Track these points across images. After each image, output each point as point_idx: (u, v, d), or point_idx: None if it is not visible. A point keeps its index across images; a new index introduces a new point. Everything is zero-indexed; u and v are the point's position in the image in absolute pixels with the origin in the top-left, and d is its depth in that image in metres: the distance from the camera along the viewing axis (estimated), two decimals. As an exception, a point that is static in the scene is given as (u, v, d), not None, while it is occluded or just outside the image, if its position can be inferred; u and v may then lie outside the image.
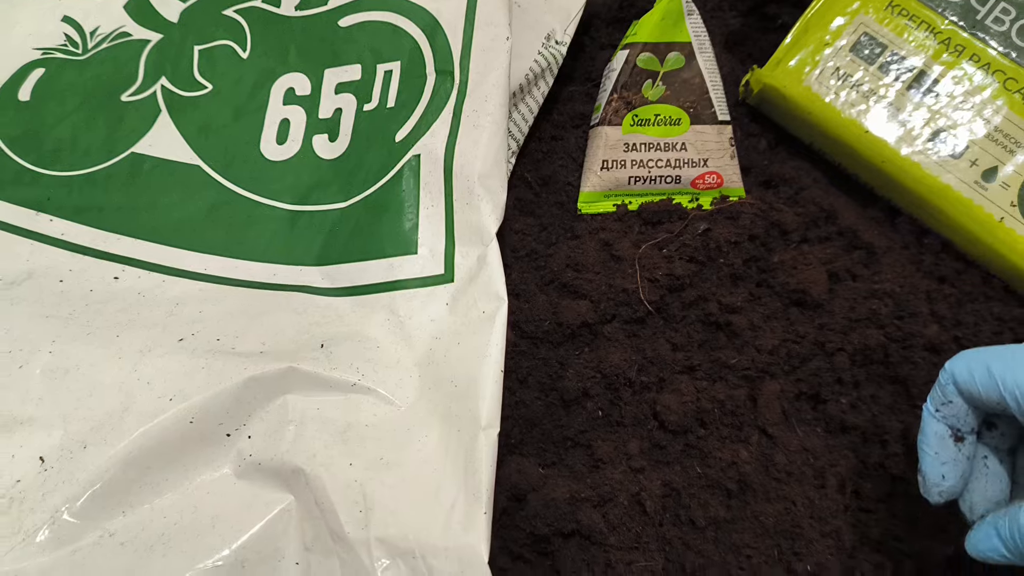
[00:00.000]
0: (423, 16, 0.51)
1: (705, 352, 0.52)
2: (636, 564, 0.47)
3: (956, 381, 0.38)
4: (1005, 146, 0.52)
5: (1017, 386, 0.35)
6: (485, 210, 0.46)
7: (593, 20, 0.65)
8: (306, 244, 0.49)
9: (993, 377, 0.36)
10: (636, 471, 0.49)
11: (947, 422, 0.39)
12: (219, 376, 0.43)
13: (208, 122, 0.52)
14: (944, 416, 0.39)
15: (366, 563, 0.39)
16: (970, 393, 0.37)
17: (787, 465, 0.50)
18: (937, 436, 0.39)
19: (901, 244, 0.56)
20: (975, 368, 0.37)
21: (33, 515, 0.40)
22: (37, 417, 0.42)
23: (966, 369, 0.38)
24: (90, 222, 0.50)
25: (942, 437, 0.39)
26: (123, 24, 0.55)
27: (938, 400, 0.39)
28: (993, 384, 0.36)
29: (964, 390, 0.38)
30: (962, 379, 0.38)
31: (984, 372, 0.37)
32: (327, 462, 0.41)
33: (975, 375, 0.37)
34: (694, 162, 0.57)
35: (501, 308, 0.44)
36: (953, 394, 0.38)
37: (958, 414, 0.38)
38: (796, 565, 0.47)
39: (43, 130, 0.53)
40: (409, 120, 0.49)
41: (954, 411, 0.38)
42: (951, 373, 0.38)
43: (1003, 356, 0.37)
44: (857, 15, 0.56)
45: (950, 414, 0.39)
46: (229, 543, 0.40)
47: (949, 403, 0.38)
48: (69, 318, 0.46)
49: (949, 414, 0.39)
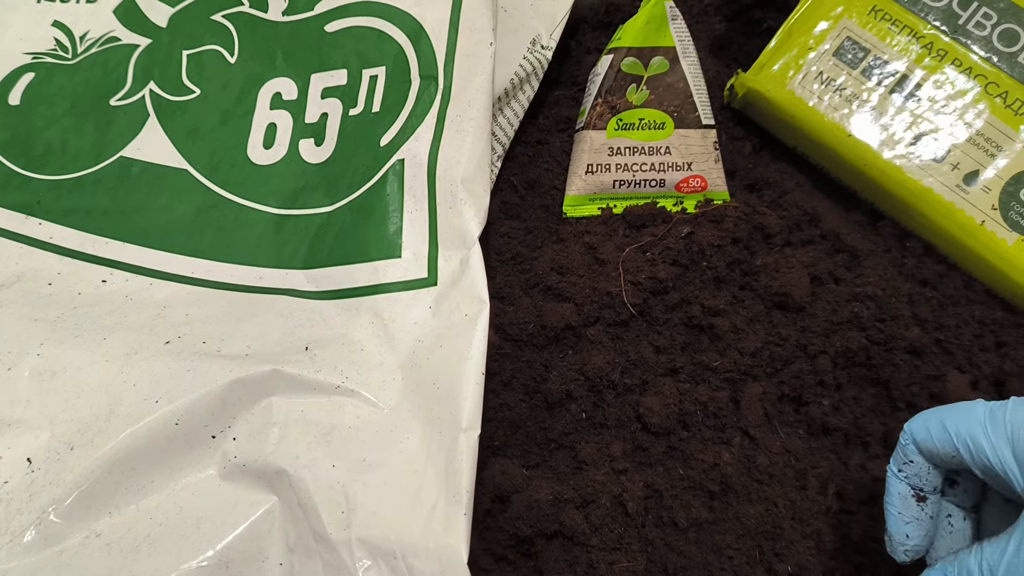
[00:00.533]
0: (408, 22, 0.52)
1: (688, 355, 0.52)
2: (618, 565, 0.48)
3: (915, 440, 0.39)
4: (986, 150, 0.53)
5: (970, 437, 0.36)
6: (468, 214, 0.47)
7: (580, 25, 0.65)
8: (292, 248, 0.49)
9: (947, 432, 0.37)
10: (619, 473, 0.50)
11: (910, 482, 0.40)
12: (204, 378, 0.43)
13: (196, 126, 0.53)
14: (907, 476, 0.40)
15: (348, 563, 0.39)
16: (929, 450, 0.38)
17: (769, 467, 0.50)
18: (900, 496, 0.40)
19: (883, 247, 0.56)
20: (931, 425, 0.38)
21: (20, 516, 0.40)
22: (25, 419, 0.43)
23: (923, 427, 0.39)
24: (79, 225, 0.50)
25: (905, 497, 0.40)
26: (112, 29, 0.55)
27: (900, 460, 0.40)
28: (948, 438, 0.37)
29: (923, 448, 0.39)
30: (920, 437, 0.39)
31: (939, 428, 0.38)
32: (310, 463, 0.42)
33: (932, 432, 0.38)
34: (678, 166, 0.58)
35: (483, 311, 0.45)
36: (913, 453, 0.39)
37: (920, 473, 0.39)
38: (777, 566, 0.48)
39: (33, 134, 0.53)
40: (394, 125, 0.50)
41: (916, 470, 0.39)
42: (910, 433, 0.39)
43: (956, 411, 0.38)
44: (840, 19, 0.56)
45: (912, 474, 0.39)
46: (214, 544, 0.41)
47: (910, 463, 0.39)
48: (57, 321, 0.46)
49: (911, 474, 0.39)
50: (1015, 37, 0.53)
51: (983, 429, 0.36)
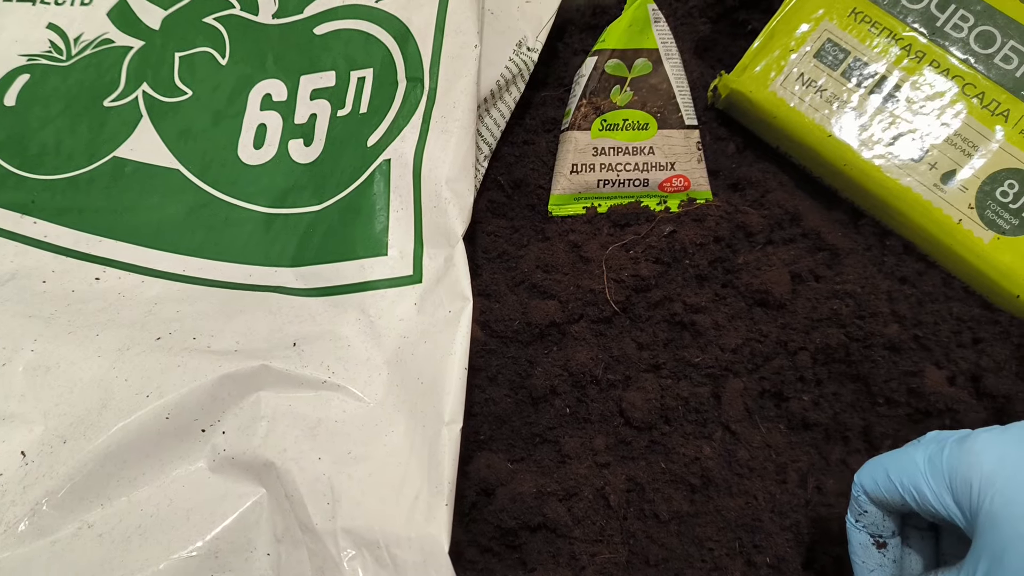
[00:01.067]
0: (395, 25, 0.53)
1: (670, 351, 0.53)
2: (600, 556, 0.48)
3: (865, 491, 0.40)
4: (963, 150, 0.54)
5: (913, 486, 0.37)
6: (452, 213, 0.48)
7: (567, 27, 0.66)
8: (281, 246, 0.50)
9: (892, 482, 0.38)
10: (602, 466, 0.51)
11: (868, 531, 0.41)
12: (194, 374, 0.44)
13: (188, 127, 0.54)
14: (864, 526, 0.41)
15: (333, 553, 0.40)
16: (878, 500, 0.40)
17: (749, 461, 0.51)
18: (861, 546, 0.41)
19: (864, 246, 0.57)
20: (877, 475, 0.39)
21: (14, 507, 0.41)
22: (19, 413, 0.44)
23: (871, 478, 0.40)
24: (73, 224, 0.51)
25: (866, 546, 0.41)
26: (106, 31, 0.56)
27: (855, 512, 0.41)
28: (893, 488, 0.38)
29: (874, 498, 0.40)
30: (869, 488, 0.40)
31: (884, 478, 0.39)
32: (297, 456, 0.43)
33: (878, 482, 0.39)
34: (661, 165, 0.59)
35: (466, 308, 0.46)
36: (866, 503, 0.40)
37: (876, 522, 0.40)
38: (756, 558, 0.49)
39: (28, 135, 0.54)
40: (381, 125, 0.51)
41: (871, 519, 0.40)
42: (860, 484, 0.40)
43: (898, 460, 0.39)
44: (821, 22, 0.57)
45: (869, 523, 0.41)
46: (203, 534, 0.42)
47: (865, 513, 0.41)
48: (51, 318, 0.47)
49: (868, 523, 0.41)
50: (991, 39, 0.54)
51: (924, 477, 0.37)
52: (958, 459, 0.36)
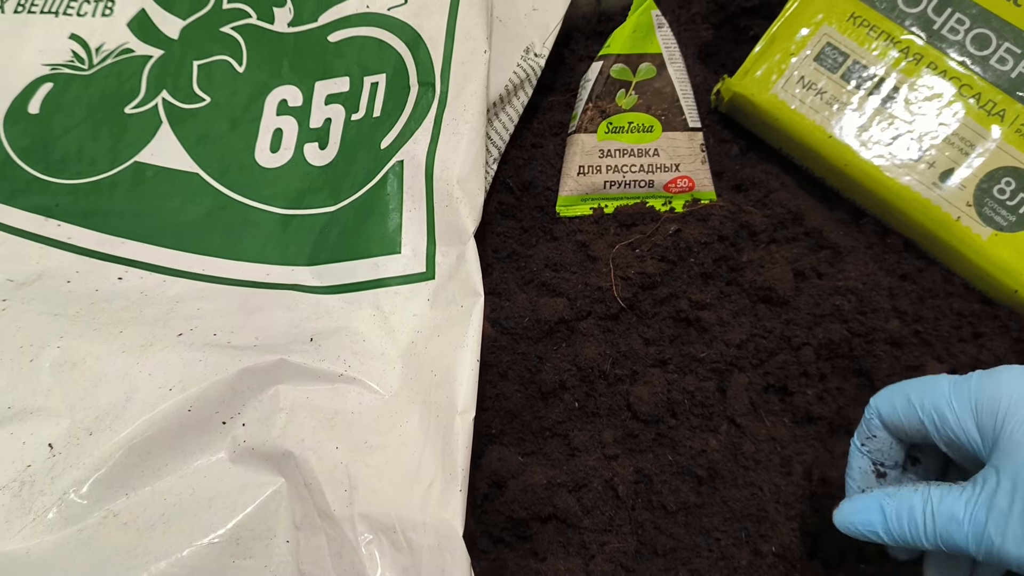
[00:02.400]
0: (407, 31, 0.54)
1: (676, 346, 0.54)
2: (609, 546, 0.49)
3: (880, 414, 0.40)
4: (961, 148, 0.55)
5: (935, 410, 0.38)
6: (463, 211, 0.49)
7: (573, 34, 0.68)
8: (298, 245, 0.52)
9: (912, 404, 0.39)
10: (610, 458, 0.52)
11: (871, 457, 0.41)
12: (215, 368, 0.46)
13: (206, 132, 0.55)
14: (869, 451, 0.41)
15: (350, 538, 0.41)
16: (894, 425, 0.40)
17: (755, 453, 0.52)
18: (861, 470, 0.42)
19: (865, 244, 0.58)
20: (896, 399, 0.40)
21: (43, 497, 0.42)
22: (46, 407, 0.45)
23: (888, 402, 0.40)
24: (95, 227, 0.53)
25: (866, 471, 0.42)
26: (126, 41, 0.58)
27: (863, 435, 0.42)
28: (913, 412, 0.39)
29: (888, 423, 0.40)
30: (886, 412, 0.40)
31: (905, 402, 0.39)
32: (315, 446, 0.44)
33: (896, 405, 0.39)
34: (666, 167, 0.60)
35: (478, 303, 0.47)
36: (878, 428, 0.41)
37: (882, 448, 0.41)
38: (762, 547, 0.50)
39: (51, 141, 0.56)
40: (393, 128, 0.52)
41: (878, 445, 0.41)
42: (875, 407, 0.41)
43: (921, 385, 0.39)
44: (821, 26, 0.59)
45: (875, 448, 0.41)
46: (225, 522, 0.43)
47: (873, 437, 0.41)
48: (76, 316, 0.49)
49: (874, 448, 0.41)
50: (987, 41, 0.56)
51: (947, 402, 0.37)
52: (985, 385, 0.36)
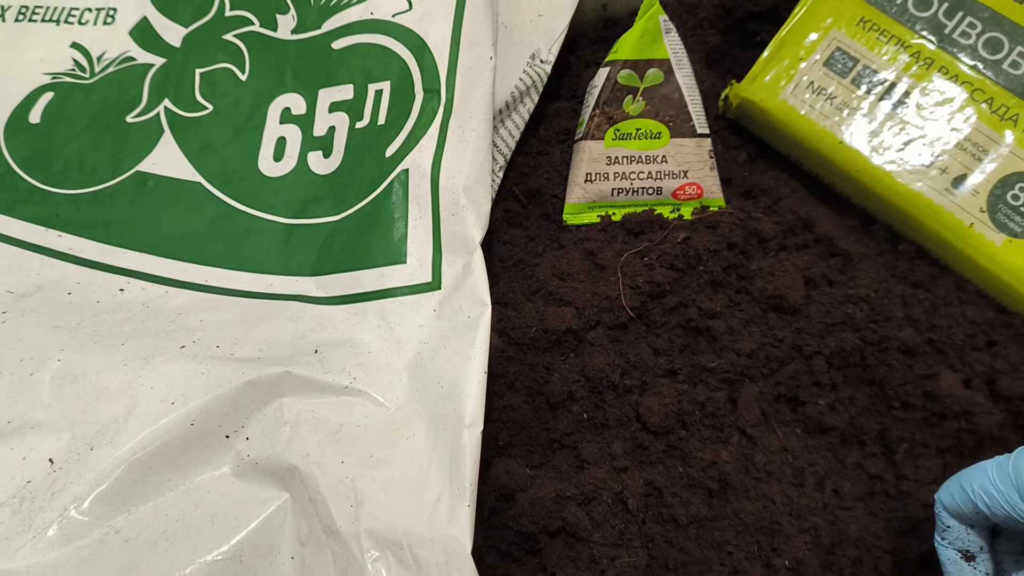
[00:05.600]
0: (411, 38, 0.54)
1: (686, 356, 0.54)
2: (620, 560, 0.49)
3: (944, 506, 0.42)
4: (973, 154, 0.54)
5: (983, 492, 0.39)
6: (470, 220, 0.49)
7: (579, 39, 0.67)
8: (301, 255, 0.51)
9: (966, 492, 0.40)
10: (620, 471, 0.51)
11: (955, 547, 0.42)
12: (218, 381, 0.45)
13: (209, 141, 0.55)
14: (950, 542, 0.42)
15: (356, 555, 0.41)
16: (957, 513, 0.41)
17: (767, 465, 0.51)
18: (951, 561, 0.43)
19: (876, 251, 0.58)
20: (953, 490, 0.41)
21: (43, 513, 0.42)
22: (47, 421, 0.44)
23: (948, 493, 0.42)
24: (97, 237, 0.52)
25: (955, 561, 0.42)
26: (128, 49, 0.58)
27: (940, 529, 0.43)
28: (967, 498, 0.40)
29: (953, 512, 0.42)
30: (947, 503, 0.42)
31: (959, 490, 0.41)
32: (320, 460, 0.43)
33: (955, 496, 0.41)
34: (674, 174, 0.59)
35: (485, 313, 0.46)
36: (947, 519, 0.42)
37: (960, 537, 0.42)
38: (775, 561, 0.49)
39: (52, 151, 0.55)
40: (398, 136, 0.52)
41: (956, 535, 0.42)
42: (940, 501, 0.42)
43: (971, 472, 0.41)
44: (830, 31, 0.58)
45: (954, 538, 0.42)
46: (228, 539, 0.42)
47: (948, 528, 0.42)
48: (77, 328, 0.48)
49: (953, 539, 0.42)
50: (999, 45, 0.55)
51: (992, 481, 0.39)
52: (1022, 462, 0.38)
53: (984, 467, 0.40)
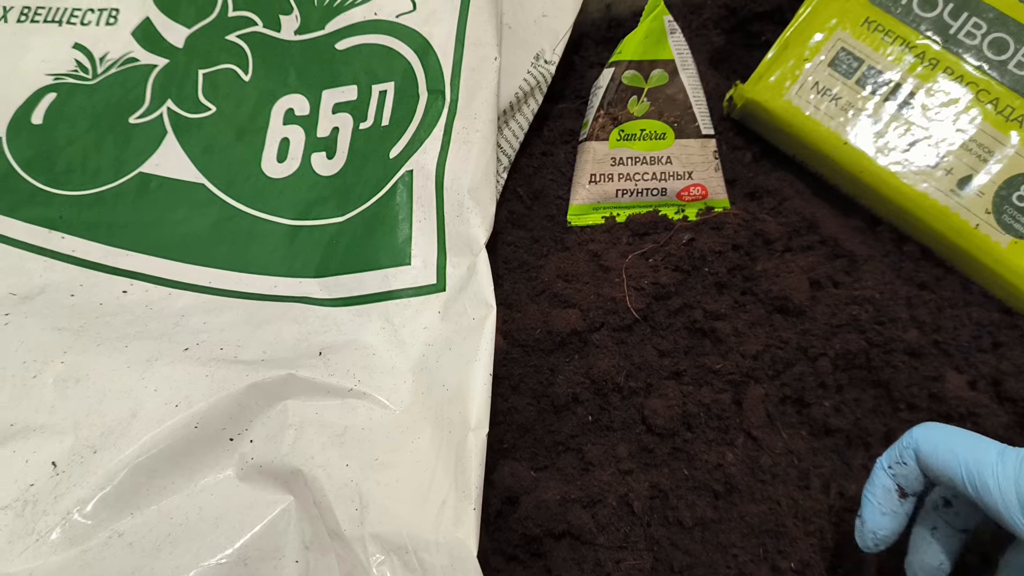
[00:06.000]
0: (415, 39, 0.54)
1: (691, 358, 0.54)
2: (625, 563, 0.48)
3: (918, 447, 0.40)
4: (979, 155, 0.54)
5: (977, 474, 0.37)
6: (475, 222, 0.48)
7: (583, 40, 0.67)
8: (305, 257, 0.51)
9: (956, 460, 0.38)
10: (625, 473, 0.51)
11: (896, 480, 0.41)
12: (222, 383, 0.45)
13: (212, 142, 0.55)
14: (895, 474, 0.41)
15: (362, 559, 0.40)
16: (928, 466, 0.40)
17: (772, 467, 0.51)
18: (884, 489, 0.42)
19: (881, 252, 0.58)
20: (940, 446, 0.39)
21: (46, 517, 0.41)
22: (50, 424, 0.44)
23: (930, 443, 0.40)
24: (100, 239, 0.52)
25: (889, 490, 0.41)
26: (131, 50, 0.57)
27: (893, 459, 0.41)
28: (955, 466, 0.38)
29: (923, 460, 0.40)
30: (925, 451, 0.40)
31: (948, 453, 0.38)
32: (325, 463, 0.43)
33: (939, 452, 0.39)
34: (679, 175, 0.59)
35: (490, 315, 0.46)
36: (911, 458, 0.40)
37: (908, 475, 0.41)
38: (781, 563, 0.49)
39: (55, 152, 0.55)
40: (403, 137, 0.51)
41: (905, 472, 0.41)
42: (915, 440, 0.40)
43: (968, 443, 0.38)
44: (835, 31, 0.58)
45: (901, 473, 0.41)
46: (232, 542, 0.42)
47: (903, 464, 0.41)
48: (80, 330, 0.48)
49: (900, 473, 0.41)
50: (1004, 46, 0.55)
51: (992, 472, 0.36)
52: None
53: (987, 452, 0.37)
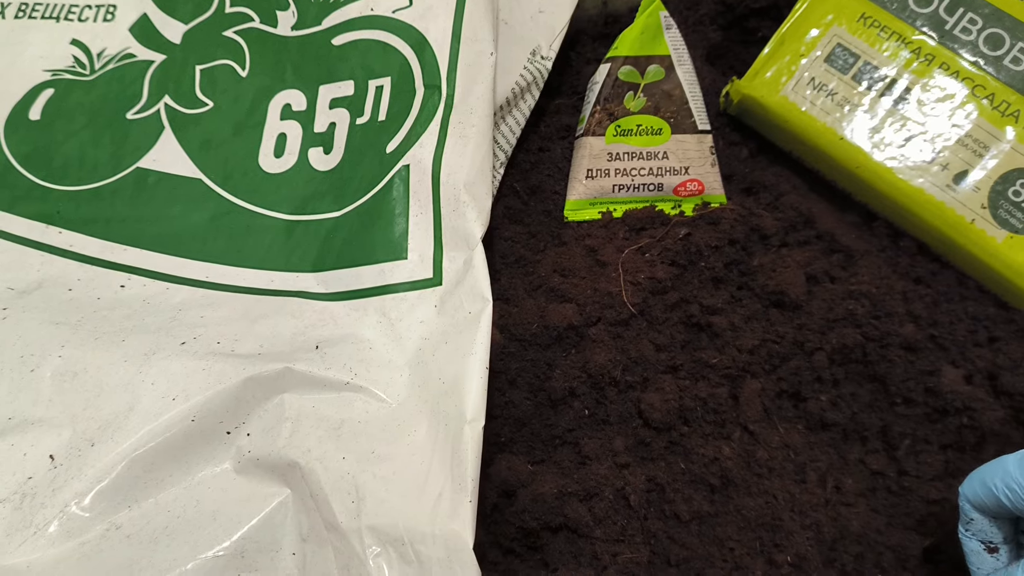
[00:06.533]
0: (412, 34, 0.54)
1: (687, 352, 0.54)
2: (622, 556, 0.49)
3: (968, 499, 0.42)
4: (974, 150, 0.54)
5: (1006, 487, 0.40)
6: (471, 216, 0.49)
7: (580, 36, 0.67)
8: (302, 252, 0.51)
9: (988, 486, 0.41)
10: (621, 467, 0.51)
11: (978, 538, 0.43)
12: (219, 377, 0.45)
13: (209, 138, 0.55)
14: (973, 534, 0.43)
15: (358, 550, 0.40)
16: (980, 506, 0.42)
17: (768, 461, 0.51)
18: (974, 552, 0.43)
19: (878, 247, 0.58)
20: (975, 483, 0.42)
21: (44, 510, 0.42)
22: (47, 418, 0.44)
23: (970, 487, 0.42)
24: (97, 234, 0.52)
25: (978, 552, 0.43)
26: (128, 46, 0.57)
27: (964, 521, 0.43)
28: (990, 492, 0.41)
29: (976, 505, 0.42)
30: (971, 496, 0.42)
31: (981, 485, 0.41)
32: (321, 456, 0.43)
33: (977, 489, 0.42)
34: (676, 170, 0.59)
35: (486, 309, 0.46)
36: (970, 511, 0.42)
37: (984, 529, 0.43)
38: (777, 556, 0.49)
39: (52, 147, 0.55)
40: (399, 132, 0.52)
41: (979, 527, 0.43)
42: (963, 495, 0.43)
43: (992, 467, 0.41)
44: (831, 27, 0.58)
45: (977, 530, 0.43)
46: (230, 535, 0.42)
47: (971, 521, 0.43)
48: (78, 324, 0.48)
49: (976, 531, 0.43)
50: (1000, 41, 0.55)
51: (1014, 478, 0.39)
52: None
53: (1005, 462, 0.40)
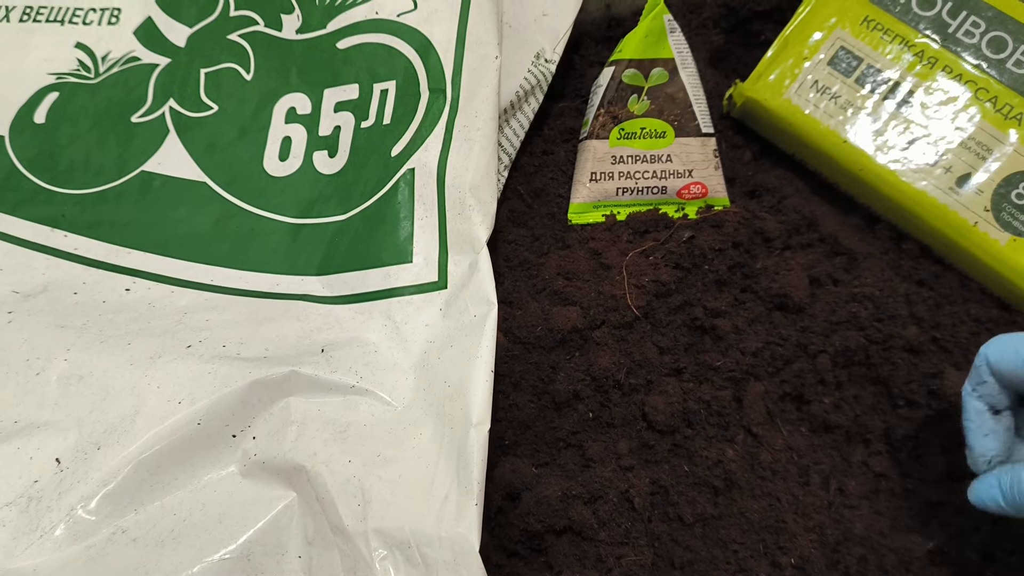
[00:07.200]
0: (417, 38, 0.54)
1: (691, 355, 0.54)
2: (626, 559, 0.49)
3: (989, 361, 0.42)
4: (978, 153, 0.54)
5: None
6: (476, 219, 0.49)
7: (583, 39, 0.67)
8: (307, 255, 0.51)
9: (1020, 357, 0.41)
10: (625, 470, 0.51)
11: (984, 400, 0.43)
12: (225, 380, 0.45)
13: (214, 141, 0.55)
14: (980, 395, 0.43)
15: (364, 554, 0.41)
16: (1000, 372, 0.42)
17: (772, 463, 0.51)
18: (977, 412, 0.44)
19: (880, 250, 0.58)
20: (1006, 351, 0.42)
21: (50, 513, 0.42)
22: (53, 421, 0.44)
23: (998, 352, 0.42)
24: (102, 237, 0.52)
25: (981, 412, 0.43)
26: (133, 49, 0.57)
27: (975, 381, 0.43)
28: (1020, 362, 0.40)
29: (995, 370, 0.42)
30: (994, 359, 0.42)
31: (1013, 354, 0.41)
32: (327, 460, 0.43)
33: (1005, 357, 0.42)
34: (679, 173, 0.59)
35: (491, 312, 0.46)
36: (987, 374, 0.43)
37: (992, 392, 0.43)
38: (781, 559, 0.49)
39: (57, 151, 0.55)
40: (404, 136, 0.52)
41: (989, 390, 0.43)
42: (985, 355, 0.43)
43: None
44: (834, 30, 0.58)
45: (985, 393, 0.43)
46: (236, 538, 0.42)
47: (984, 383, 0.43)
48: (83, 328, 0.48)
49: (984, 393, 0.43)
50: (1003, 44, 0.55)
51: None
52: None
53: None
